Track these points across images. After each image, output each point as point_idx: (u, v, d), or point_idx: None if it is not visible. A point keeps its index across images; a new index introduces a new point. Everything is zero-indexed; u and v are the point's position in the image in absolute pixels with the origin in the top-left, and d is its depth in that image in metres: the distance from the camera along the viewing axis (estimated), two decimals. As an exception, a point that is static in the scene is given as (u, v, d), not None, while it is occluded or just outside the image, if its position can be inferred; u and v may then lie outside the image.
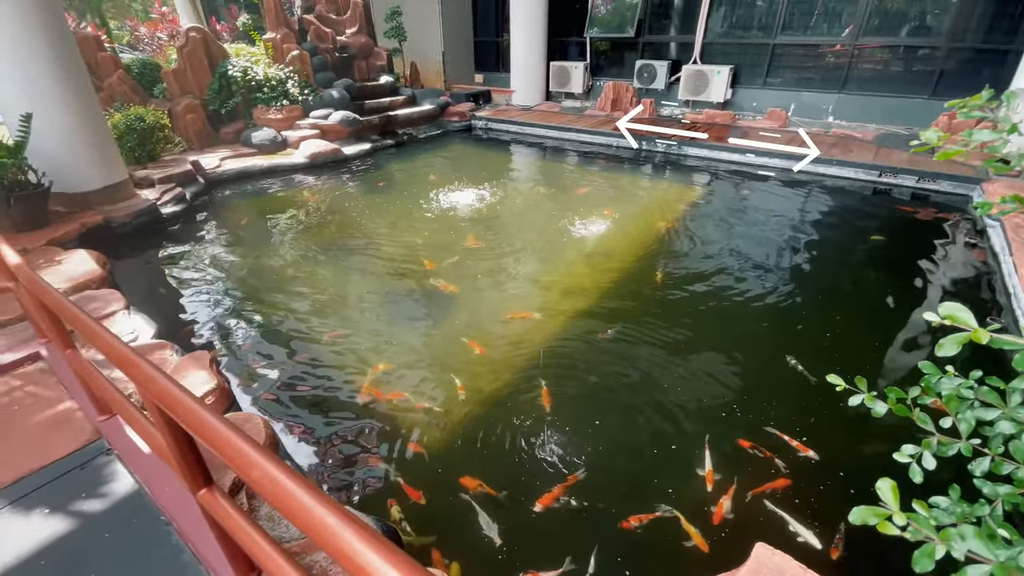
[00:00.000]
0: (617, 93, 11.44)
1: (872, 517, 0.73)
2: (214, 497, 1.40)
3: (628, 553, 2.42)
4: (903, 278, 5.00)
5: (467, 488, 2.74)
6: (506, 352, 3.87)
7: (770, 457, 2.90)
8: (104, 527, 2.22)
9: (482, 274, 5.10)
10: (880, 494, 0.75)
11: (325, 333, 4.16)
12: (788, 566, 1.86)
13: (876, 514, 0.72)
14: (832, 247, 5.78)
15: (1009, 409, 0.94)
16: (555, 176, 8.80)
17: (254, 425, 2.56)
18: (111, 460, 2.56)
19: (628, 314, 4.38)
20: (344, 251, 5.68)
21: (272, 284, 4.96)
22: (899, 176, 7.36)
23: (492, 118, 11.81)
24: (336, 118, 9.48)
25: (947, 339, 0.73)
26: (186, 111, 8.72)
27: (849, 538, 2.43)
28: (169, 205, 6.63)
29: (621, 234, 6.05)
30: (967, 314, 0.70)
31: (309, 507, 0.77)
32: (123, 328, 3.73)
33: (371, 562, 0.68)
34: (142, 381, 1.21)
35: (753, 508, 2.64)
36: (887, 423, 1.16)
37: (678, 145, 9.21)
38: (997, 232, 5.31)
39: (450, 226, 6.37)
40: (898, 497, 0.73)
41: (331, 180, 8.31)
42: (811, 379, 3.51)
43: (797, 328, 4.24)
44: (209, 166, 7.96)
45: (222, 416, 1.02)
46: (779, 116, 9.80)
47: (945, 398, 0.99)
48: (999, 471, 0.95)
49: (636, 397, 3.42)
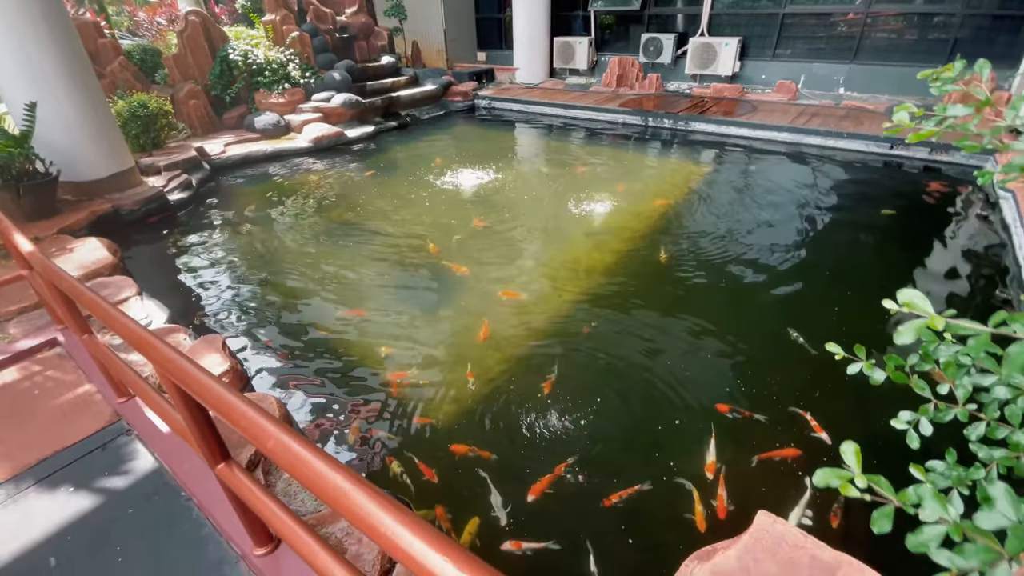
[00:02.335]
0: (623, 68, 11.24)
1: (835, 479, 0.76)
2: (232, 471, 1.45)
3: (631, 520, 2.48)
4: (915, 253, 4.95)
5: (482, 459, 2.81)
6: (510, 328, 3.91)
7: (775, 427, 2.94)
8: (127, 504, 2.30)
9: (489, 254, 5.11)
10: (843, 457, 0.78)
11: (335, 314, 4.22)
12: (789, 533, 1.90)
13: (838, 476, 0.75)
14: (843, 223, 5.71)
15: (1006, 374, 0.95)
16: (561, 155, 8.72)
17: (268, 405, 2.63)
18: (131, 440, 2.64)
19: (636, 291, 4.40)
20: (350, 234, 5.71)
21: (281, 268, 5.01)
22: (911, 148, 7.22)
23: (496, 97, 11.67)
24: (338, 101, 9.42)
25: (904, 326, 0.75)
26: (188, 97, 8.70)
27: (847, 507, 2.48)
28: (176, 192, 6.67)
29: (628, 211, 6.02)
30: (924, 301, 0.73)
31: (322, 472, 0.80)
32: (136, 314, 3.80)
33: (382, 521, 0.71)
34: (159, 360, 1.25)
35: (756, 477, 2.68)
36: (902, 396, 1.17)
37: (685, 120, 9.08)
38: (1009, 204, 5.22)
39: (455, 207, 6.37)
40: (860, 460, 0.76)
41: (335, 164, 8.30)
42: (812, 352, 3.53)
43: (805, 303, 4.23)
44: (213, 152, 7.97)
45: (237, 391, 1.06)
46: (789, 89, 9.61)
47: (943, 364, 1.01)
48: (994, 435, 0.97)
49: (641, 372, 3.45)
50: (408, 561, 0.68)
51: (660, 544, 2.43)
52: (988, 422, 0.97)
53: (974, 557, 0.57)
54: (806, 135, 8.00)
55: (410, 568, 0.68)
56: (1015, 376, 0.93)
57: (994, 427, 0.96)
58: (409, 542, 0.68)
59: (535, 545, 2.39)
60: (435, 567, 0.64)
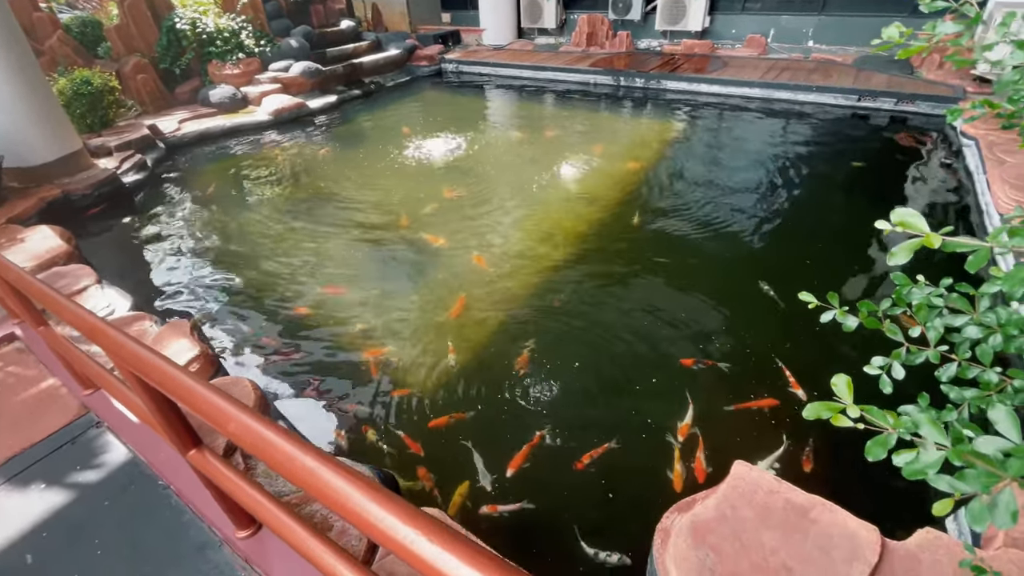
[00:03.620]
0: (592, 26, 10.95)
1: (825, 411, 0.75)
2: (204, 457, 1.41)
3: (611, 475, 2.54)
4: (884, 202, 5.04)
5: (464, 425, 2.81)
6: (486, 296, 3.88)
7: (749, 378, 3.01)
8: (102, 496, 2.25)
9: (462, 224, 5.02)
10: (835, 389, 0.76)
11: (309, 292, 4.12)
12: (764, 480, 1.96)
13: (829, 408, 0.74)
14: (814, 176, 5.76)
15: (977, 314, 0.96)
16: (533, 118, 8.54)
17: (242, 388, 2.56)
18: (102, 432, 2.56)
19: (612, 254, 4.39)
20: (318, 210, 5.53)
21: (249, 248, 4.85)
22: (878, 100, 7.27)
23: (463, 60, 11.29)
24: (297, 70, 8.99)
25: (899, 247, 0.72)
26: (135, 71, 8.18)
27: (817, 452, 2.57)
28: (130, 174, 6.34)
29: (602, 174, 5.95)
30: (919, 219, 0.69)
31: (290, 453, 0.77)
32: (97, 303, 3.64)
33: (351, 498, 0.68)
34: (112, 348, 1.18)
35: (733, 427, 2.75)
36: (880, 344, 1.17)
37: (657, 79, 8.94)
38: (972, 151, 5.33)
39: (426, 178, 6.21)
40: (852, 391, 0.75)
41: (298, 137, 7.97)
42: (780, 304, 3.60)
43: (778, 257, 4.29)
44: (168, 129, 7.57)
45: (196, 375, 1.00)
46: (759, 43, 9.51)
47: (915, 307, 1.01)
48: (965, 376, 0.98)
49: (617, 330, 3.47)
50: (380, 536, 0.66)
51: (641, 497, 2.49)
52: (959, 362, 0.98)
53: (976, 481, 0.56)
54: (776, 90, 7.97)
55: (382, 543, 0.66)
56: (987, 315, 0.94)
57: (965, 367, 0.97)
58: (380, 517, 0.65)
59: (511, 507, 2.44)
60: (405, 540, 0.62)
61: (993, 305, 0.97)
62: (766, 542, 1.78)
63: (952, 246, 0.67)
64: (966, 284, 1.04)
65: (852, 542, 1.75)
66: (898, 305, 1.04)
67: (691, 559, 1.75)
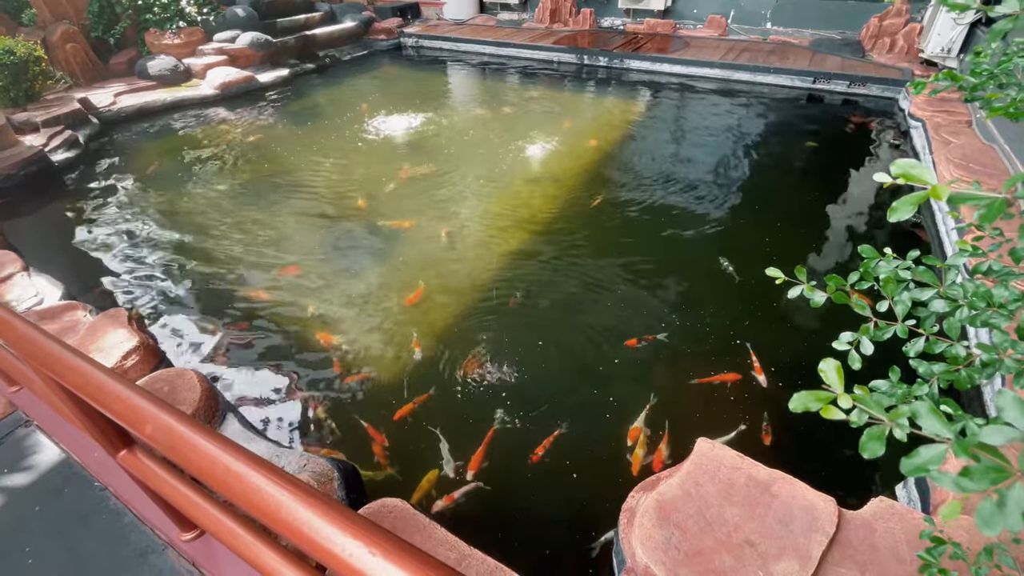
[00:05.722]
0: (556, 3, 10.74)
1: (814, 402, 0.69)
2: (135, 457, 1.28)
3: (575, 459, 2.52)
4: (835, 181, 5.19)
5: (428, 411, 2.74)
6: (448, 280, 3.78)
7: (710, 354, 3.05)
8: (33, 500, 2.07)
9: (423, 205, 4.87)
10: (823, 376, 0.70)
11: (260, 277, 3.91)
12: (726, 456, 1.98)
13: (818, 398, 0.68)
14: (771, 156, 5.87)
15: (944, 288, 0.95)
16: (496, 96, 8.33)
17: (187, 380, 2.40)
18: (31, 431, 2.36)
19: (573, 236, 4.35)
20: (270, 191, 5.25)
21: (193, 232, 4.55)
22: (832, 82, 7.44)
23: (423, 35, 10.90)
24: (245, 40, 8.45)
25: (900, 201, 0.65)
26: (64, 40, 7.50)
27: (775, 424, 2.63)
28: (60, 151, 5.85)
29: (564, 154, 5.88)
30: (923, 170, 0.62)
31: (213, 456, 0.67)
32: (23, 292, 3.34)
33: (282, 504, 0.60)
34: (14, 341, 1.03)
35: (695, 402, 2.78)
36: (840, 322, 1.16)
37: (620, 58, 8.88)
38: (919, 132, 5.53)
39: (385, 156, 5.99)
40: (843, 378, 0.69)
41: (248, 113, 7.52)
42: (736, 279, 3.66)
43: (736, 235, 4.34)
44: (102, 104, 7.00)
45: (110, 370, 0.88)
46: (719, 24, 9.56)
47: (883, 281, 0.99)
48: (932, 351, 0.97)
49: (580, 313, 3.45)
50: (318, 550, 0.58)
51: (605, 476, 2.49)
52: (927, 337, 0.97)
53: (983, 477, 0.50)
54: (736, 71, 8.05)
55: (320, 558, 0.58)
56: (953, 288, 0.93)
57: (933, 342, 0.96)
58: (316, 528, 0.57)
59: (467, 488, 2.41)
60: (343, 553, 0.54)
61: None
62: (729, 518, 1.79)
63: (960, 198, 0.61)
64: (933, 257, 1.03)
65: (811, 514, 1.79)
66: (865, 279, 1.03)
67: (656, 538, 1.75)
